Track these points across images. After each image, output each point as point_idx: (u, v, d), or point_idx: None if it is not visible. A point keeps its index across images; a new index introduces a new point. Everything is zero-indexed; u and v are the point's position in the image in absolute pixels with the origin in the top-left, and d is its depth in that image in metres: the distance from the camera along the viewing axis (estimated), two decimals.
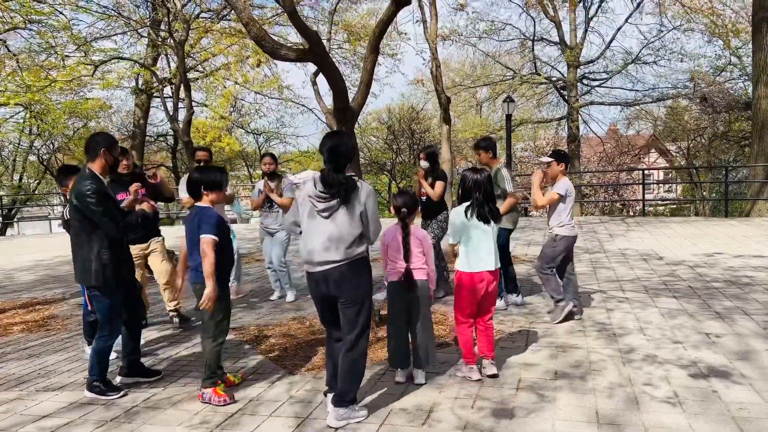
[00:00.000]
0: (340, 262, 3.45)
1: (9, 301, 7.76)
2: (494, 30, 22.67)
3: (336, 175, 3.44)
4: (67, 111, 18.60)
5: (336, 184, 3.42)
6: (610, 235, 11.23)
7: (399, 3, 5.36)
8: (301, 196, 3.59)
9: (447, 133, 13.16)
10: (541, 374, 4.17)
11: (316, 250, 3.47)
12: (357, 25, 16.56)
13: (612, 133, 27.06)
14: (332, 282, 3.47)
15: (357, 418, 3.54)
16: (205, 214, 3.88)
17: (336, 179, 3.43)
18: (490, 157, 5.97)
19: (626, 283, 7.04)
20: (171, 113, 12.26)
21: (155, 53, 17.60)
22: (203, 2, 14.88)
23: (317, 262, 3.48)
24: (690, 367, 4.20)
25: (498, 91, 24.48)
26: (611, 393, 3.79)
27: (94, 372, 4.14)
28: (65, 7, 14.62)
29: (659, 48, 22.04)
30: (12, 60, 17.43)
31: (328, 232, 3.45)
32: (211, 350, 3.93)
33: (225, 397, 3.88)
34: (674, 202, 26.01)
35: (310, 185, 3.53)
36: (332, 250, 3.44)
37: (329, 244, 3.44)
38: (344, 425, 3.50)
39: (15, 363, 5.06)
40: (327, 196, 3.45)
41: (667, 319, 5.43)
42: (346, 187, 3.43)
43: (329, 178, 3.44)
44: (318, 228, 3.48)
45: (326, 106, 6.97)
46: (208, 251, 3.76)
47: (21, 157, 24.70)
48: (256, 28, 5.00)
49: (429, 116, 30.00)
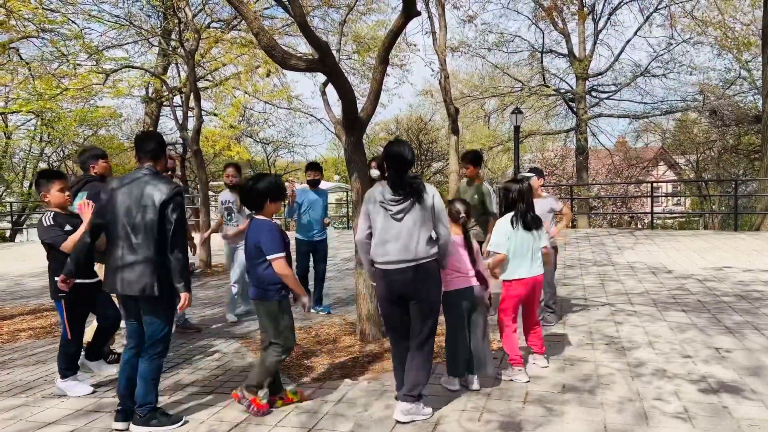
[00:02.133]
0: (418, 261, 3.61)
1: (17, 307, 7.79)
2: (503, 42, 22.69)
3: (403, 178, 3.64)
4: (78, 119, 18.73)
5: (406, 185, 3.63)
6: (618, 247, 11.17)
7: (408, 15, 5.38)
8: (368, 205, 3.73)
9: (455, 144, 13.16)
10: (549, 387, 4.13)
11: (394, 250, 3.62)
12: (366, 36, 16.62)
13: (620, 145, 26.96)
14: (409, 281, 3.61)
15: (423, 415, 3.65)
16: (264, 229, 3.75)
17: (406, 181, 3.64)
18: (477, 172, 6.20)
19: (635, 296, 6.98)
20: (181, 122, 12.31)
21: (166, 62, 17.72)
22: (214, 12, 14.99)
23: (396, 261, 3.62)
24: (700, 382, 4.16)
25: (506, 102, 24.48)
26: (620, 407, 3.75)
27: (150, 398, 3.65)
28: (78, 16, 14.77)
29: (668, 61, 21.98)
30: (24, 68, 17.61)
31: (405, 232, 3.61)
32: (274, 363, 3.82)
33: (263, 408, 3.82)
34: (683, 215, 25.83)
35: (377, 193, 3.70)
36: (410, 250, 3.60)
37: (407, 243, 3.60)
38: (410, 420, 3.57)
39: (22, 369, 5.07)
40: (400, 198, 3.63)
41: (677, 333, 5.38)
42: (417, 188, 3.63)
43: (398, 181, 3.64)
44: (394, 230, 3.63)
45: (335, 116, 6.98)
46: (284, 271, 3.73)
47: (31, 165, 24.86)
48: (267, 38, 5.02)
49: (437, 127, 30.06)
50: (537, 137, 28.28)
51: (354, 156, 5.50)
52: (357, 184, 5.42)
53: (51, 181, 4.36)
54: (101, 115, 19.33)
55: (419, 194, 3.63)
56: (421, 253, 3.62)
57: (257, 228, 3.78)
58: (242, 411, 3.84)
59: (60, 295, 4.16)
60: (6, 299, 8.49)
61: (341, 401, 4.00)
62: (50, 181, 4.36)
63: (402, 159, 3.67)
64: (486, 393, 4.05)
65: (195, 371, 4.84)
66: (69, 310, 4.28)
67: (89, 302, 4.40)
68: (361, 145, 5.61)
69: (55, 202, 4.33)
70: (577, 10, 21.08)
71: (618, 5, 21.83)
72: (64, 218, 4.32)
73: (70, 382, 4.35)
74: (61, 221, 4.29)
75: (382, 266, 3.68)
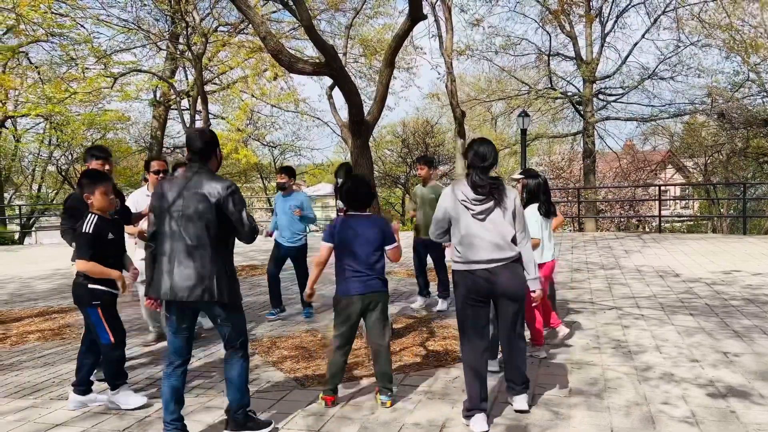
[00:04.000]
0: (506, 260, 3.63)
1: (25, 310, 7.84)
2: (510, 45, 22.65)
3: (486, 177, 3.67)
4: (86, 122, 18.87)
5: (489, 185, 3.64)
6: (625, 251, 11.13)
7: (415, 18, 5.40)
8: (448, 204, 3.73)
9: (462, 147, 13.15)
10: (556, 391, 4.12)
11: (481, 250, 3.61)
12: (372, 39, 16.66)
13: (628, 148, 26.88)
14: (498, 280, 3.61)
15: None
16: (384, 223, 4.00)
17: (488, 181, 3.65)
18: (431, 173, 6.72)
19: (642, 300, 6.96)
20: (188, 125, 12.38)
21: (173, 66, 17.83)
22: (221, 16, 15.07)
23: (484, 261, 3.61)
24: (708, 386, 4.13)
25: (513, 105, 24.45)
26: (628, 411, 3.74)
27: (246, 399, 3.56)
28: (87, 20, 14.89)
29: (676, 63, 21.87)
30: (34, 72, 17.77)
31: (490, 232, 3.63)
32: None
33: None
34: (691, 218, 25.72)
35: (457, 191, 3.69)
36: (498, 249, 3.61)
37: (494, 242, 3.61)
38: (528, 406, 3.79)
39: (30, 371, 5.10)
40: (482, 198, 3.64)
41: (684, 337, 5.36)
42: (498, 188, 3.65)
43: (481, 180, 3.65)
44: (479, 229, 3.63)
45: (342, 119, 7.00)
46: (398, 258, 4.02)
47: (40, 168, 25.05)
48: (274, 42, 5.05)
49: (443, 130, 30.05)
50: (544, 140, 28.21)
51: (361, 159, 5.52)
52: None
53: (96, 182, 4.03)
54: (109, 118, 19.48)
55: (501, 195, 3.66)
56: (507, 253, 3.63)
57: (375, 222, 3.95)
58: None
59: (95, 303, 3.97)
60: (15, 301, 8.54)
61: (347, 404, 4.01)
62: (95, 182, 4.03)
63: (483, 157, 3.70)
64: (492, 397, 4.04)
65: (200, 373, 4.85)
66: (106, 315, 4.02)
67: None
68: (367, 149, 5.63)
69: (98, 205, 4.02)
70: (585, 13, 21.03)
71: (625, 8, 21.75)
72: (106, 225, 4.02)
73: (122, 394, 4.10)
74: (103, 229, 3.99)
75: (468, 266, 3.65)
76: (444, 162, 28.29)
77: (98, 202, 4.01)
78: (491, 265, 3.60)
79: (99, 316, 4.00)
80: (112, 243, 4.05)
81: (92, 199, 4.01)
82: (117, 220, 4.23)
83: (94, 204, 4.02)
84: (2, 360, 5.51)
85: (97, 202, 4.01)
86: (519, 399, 3.78)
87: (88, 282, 3.96)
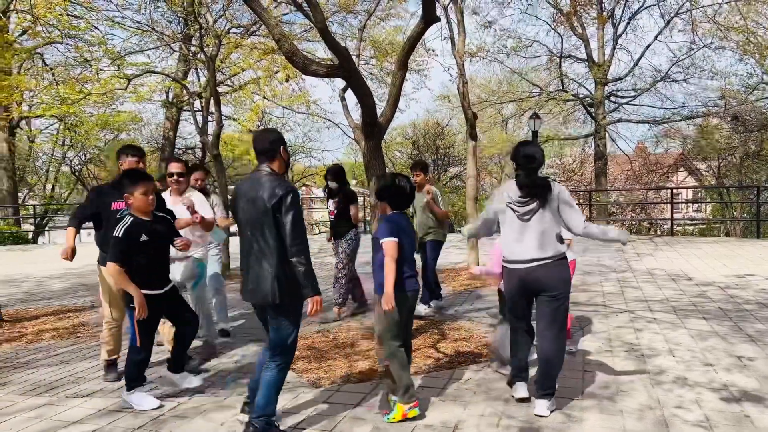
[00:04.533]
0: (550, 259, 3.75)
1: (40, 309, 7.92)
2: (521, 47, 22.63)
3: (532, 179, 3.76)
4: (100, 123, 19.03)
5: (534, 186, 3.75)
6: (637, 254, 11.07)
7: (428, 20, 5.40)
8: (496, 204, 3.91)
9: (473, 149, 13.11)
10: (568, 394, 4.11)
11: (525, 249, 3.76)
12: (384, 41, 16.68)
13: (640, 151, 26.72)
14: (541, 278, 3.75)
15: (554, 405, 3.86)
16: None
17: (534, 183, 3.76)
18: (426, 178, 6.83)
19: (654, 303, 6.92)
20: (201, 126, 12.43)
21: (186, 67, 17.94)
22: (234, 18, 15.14)
23: (527, 260, 3.76)
24: (722, 390, 4.11)
25: (524, 107, 24.40)
26: (641, 415, 3.73)
27: (269, 409, 3.49)
28: (101, 22, 15.02)
29: (689, 66, 21.74)
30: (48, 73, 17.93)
31: (535, 232, 3.75)
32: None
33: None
34: (704, 222, 25.50)
35: (505, 193, 3.86)
36: (541, 249, 3.74)
37: (538, 242, 3.74)
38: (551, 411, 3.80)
39: (46, 369, 5.16)
40: (527, 199, 3.77)
41: (698, 340, 5.33)
42: (543, 189, 3.75)
43: (527, 181, 3.77)
44: (523, 230, 3.78)
45: (354, 121, 7.02)
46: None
47: (54, 168, 25.29)
48: (288, 44, 5.08)
49: (454, 132, 30.01)
50: (555, 142, 28.13)
51: (373, 161, 5.53)
52: (376, 189, 5.44)
53: (136, 183, 3.97)
54: (122, 119, 19.61)
55: (545, 195, 3.75)
56: (550, 252, 3.74)
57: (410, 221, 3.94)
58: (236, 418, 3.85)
59: (131, 305, 3.96)
60: (30, 300, 8.64)
61: (359, 405, 4.02)
62: (135, 183, 3.97)
63: (533, 160, 3.80)
64: (504, 399, 4.04)
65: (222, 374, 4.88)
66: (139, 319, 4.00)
67: (158, 313, 4.12)
68: (380, 150, 5.64)
69: (138, 205, 3.97)
70: (597, 15, 20.96)
71: (638, 10, 21.68)
72: (141, 226, 3.98)
73: (136, 395, 4.10)
74: (137, 231, 3.95)
75: (512, 265, 3.83)
76: (455, 164, 28.27)
77: (138, 202, 3.96)
78: (533, 264, 3.74)
79: (133, 318, 4.04)
80: (145, 245, 3.97)
81: (132, 199, 3.96)
82: (158, 218, 4.12)
83: (133, 204, 3.98)
84: (18, 358, 5.58)
85: (137, 202, 3.96)
86: (541, 403, 3.79)
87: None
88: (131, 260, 3.94)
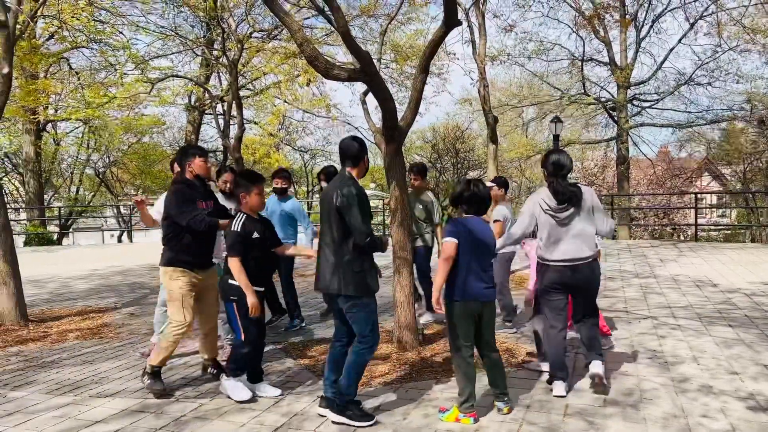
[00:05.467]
0: (588, 259, 4.14)
1: (65, 309, 8.04)
2: (543, 50, 22.47)
3: (564, 185, 4.07)
4: (123, 126, 19.32)
5: (568, 193, 4.06)
6: (660, 259, 10.92)
7: (450, 25, 5.39)
8: (535, 211, 4.18)
9: (493, 153, 13.08)
10: (591, 401, 4.07)
11: (566, 250, 4.11)
12: (405, 45, 16.69)
13: (663, 155, 26.37)
14: (581, 276, 4.14)
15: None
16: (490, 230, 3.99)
17: (567, 190, 4.07)
18: (424, 183, 6.71)
19: (678, 309, 6.82)
20: (222, 130, 12.56)
21: (208, 71, 18.14)
22: (256, 22, 15.28)
23: (567, 260, 4.11)
24: (748, 399, 4.03)
25: (545, 110, 24.23)
26: (665, 423, 3.67)
27: (351, 390, 3.77)
28: (126, 27, 15.26)
29: (714, 69, 21.39)
30: (74, 77, 18.27)
31: (574, 235, 4.11)
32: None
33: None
34: (729, 227, 25.06)
35: (541, 200, 4.15)
36: (581, 249, 4.12)
37: (578, 244, 4.11)
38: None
39: (70, 369, 5.24)
40: (564, 206, 4.09)
41: (723, 348, 5.23)
42: (576, 195, 4.07)
43: (561, 188, 4.07)
44: (563, 233, 4.12)
45: (374, 124, 7.03)
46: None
47: (78, 170, 25.68)
48: (310, 48, 5.10)
49: (474, 135, 29.90)
50: (576, 146, 27.88)
51: (393, 165, 5.53)
52: (396, 192, 5.45)
53: (254, 182, 4.23)
54: (146, 122, 19.90)
55: (579, 199, 4.08)
56: (588, 252, 4.13)
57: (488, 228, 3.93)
58: (257, 419, 3.89)
59: (232, 298, 4.11)
60: (55, 300, 8.77)
61: (379, 409, 4.02)
62: (253, 182, 4.23)
63: (563, 167, 4.12)
64: (525, 405, 4.01)
65: None
66: (241, 313, 4.11)
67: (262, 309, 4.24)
68: (400, 154, 5.64)
69: (253, 204, 4.21)
70: (620, 18, 20.73)
71: (661, 13, 21.39)
72: (253, 224, 4.16)
73: (233, 382, 4.19)
74: (250, 228, 4.12)
75: (555, 263, 4.15)
76: (474, 167, 28.15)
77: (253, 202, 4.21)
78: (572, 263, 4.10)
79: (234, 312, 4.15)
80: (258, 242, 4.15)
81: (247, 198, 4.19)
82: (265, 219, 4.37)
83: (248, 203, 4.21)
84: (43, 357, 5.67)
85: (252, 201, 4.21)
86: (596, 364, 4.22)
87: (230, 277, 4.11)
88: (247, 257, 4.10)
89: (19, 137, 21.10)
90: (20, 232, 19.49)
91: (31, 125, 19.09)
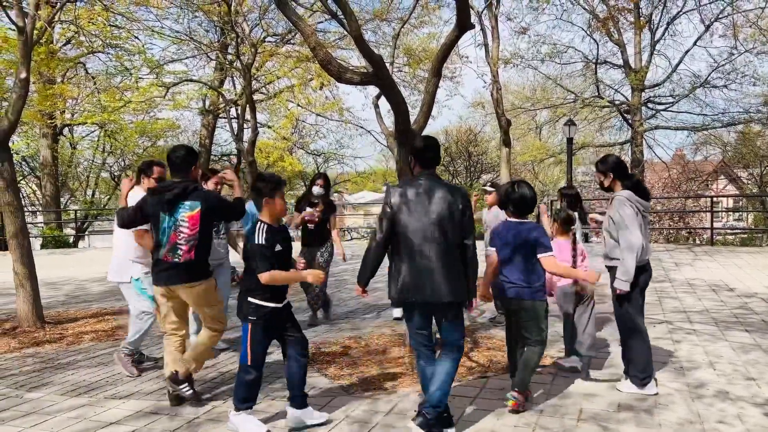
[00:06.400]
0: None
1: (80, 311, 8.12)
2: (556, 53, 22.38)
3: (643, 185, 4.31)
4: (138, 130, 19.50)
5: (648, 192, 4.28)
6: (675, 263, 10.82)
7: (462, 28, 5.40)
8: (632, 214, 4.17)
9: (507, 156, 13.06)
10: (605, 406, 4.04)
11: (649, 249, 4.34)
12: (418, 49, 16.72)
13: (678, 158, 26.14)
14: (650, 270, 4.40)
15: None
16: (540, 229, 4.01)
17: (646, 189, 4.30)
18: None
19: (694, 314, 6.75)
20: (236, 133, 12.64)
21: (222, 76, 18.29)
22: (270, 27, 15.39)
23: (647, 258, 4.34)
24: (765, 405, 3.99)
25: (559, 114, 24.12)
26: (680, 429, 3.63)
27: (445, 400, 3.57)
28: (141, 32, 15.42)
29: (730, 71, 21.19)
30: (90, 82, 18.48)
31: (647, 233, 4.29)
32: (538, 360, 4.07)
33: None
34: (745, 231, 24.78)
35: (636, 203, 4.20)
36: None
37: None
38: None
39: (85, 370, 5.29)
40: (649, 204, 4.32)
41: (740, 353, 5.17)
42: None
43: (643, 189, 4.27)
44: (645, 233, 4.28)
45: (387, 128, 7.05)
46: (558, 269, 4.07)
47: (94, 174, 25.96)
48: (323, 52, 5.13)
49: (487, 138, 29.87)
50: (590, 149, 27.73)
51: (406, 168, 5.53)
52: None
53: (278, 188, 3.81)
54: (160, 126, 20.07)
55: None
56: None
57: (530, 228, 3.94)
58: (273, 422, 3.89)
59: (249, 318, 3.73)
60: (71, 302, 8.86)
61: (391, 412, 4.01)
62: (278, 187, 3.81)
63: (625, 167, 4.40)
64: (539, 410, 3.99)
65: None
66: (253, 335, 3.73)
67: (276, 329, 3.84)
68: None
69: (276, 210, 3.79)
70: (635, 20, 20.61)
71: (676, 15, 21.25)
72: (274, 235, 3.74)
73: (242, 417, 3.75)
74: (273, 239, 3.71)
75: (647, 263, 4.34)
76: (487, 170, 28.10)
77: (278, 207, 3.80)
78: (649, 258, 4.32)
79: (246, 333, 3.74)
80: (280, 255, 3.76)
81: (270, 204, 3.78)
82: (284, 228, 3.95)
83: (273, 210, 3.79)
84: (59, 359, 5.73)
85: (277, 206, 3.79)
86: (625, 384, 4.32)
87: (249, 295, 3.74)
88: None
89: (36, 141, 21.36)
90: (37, 235, 19.71)
91: (48, 129, 19.32)
